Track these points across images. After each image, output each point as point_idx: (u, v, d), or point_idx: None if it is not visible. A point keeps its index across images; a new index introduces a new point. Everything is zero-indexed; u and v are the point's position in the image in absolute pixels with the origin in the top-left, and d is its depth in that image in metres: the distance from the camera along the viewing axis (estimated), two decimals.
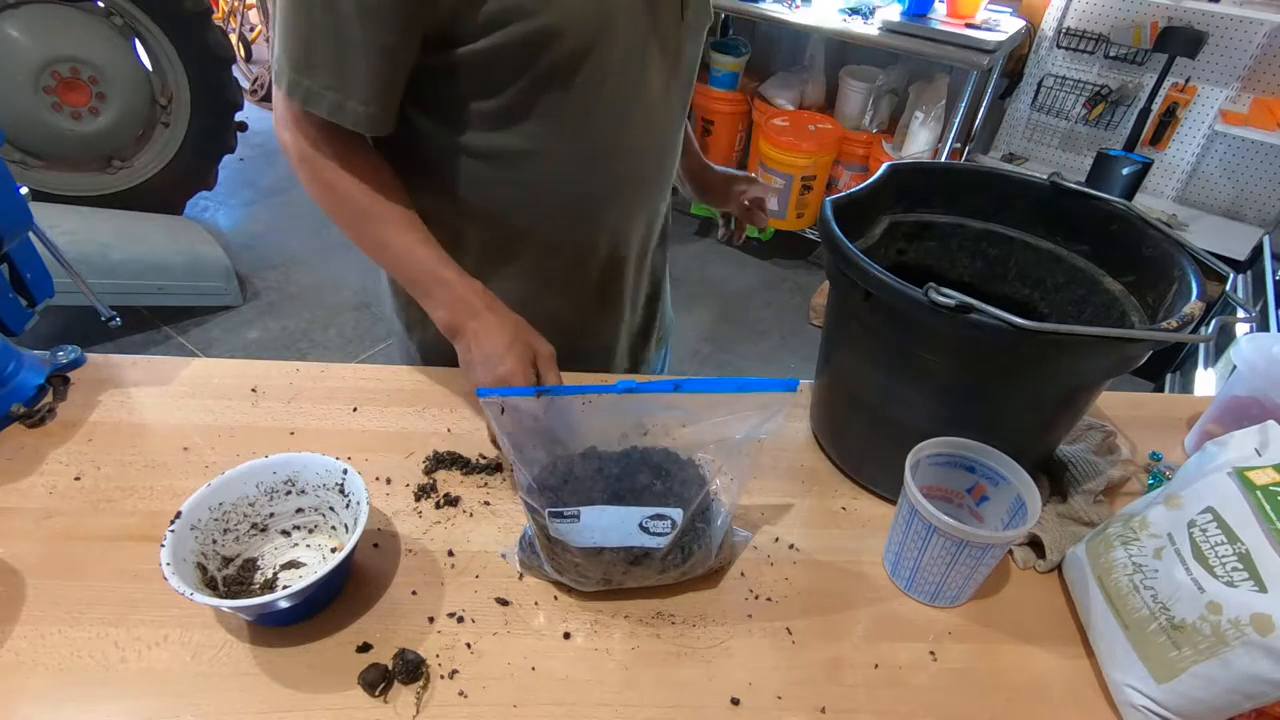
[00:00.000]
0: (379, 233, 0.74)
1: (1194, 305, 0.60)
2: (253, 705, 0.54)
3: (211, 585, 0.58)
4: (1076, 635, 0.64)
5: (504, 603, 0.63)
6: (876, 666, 0.60)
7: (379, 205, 0.73)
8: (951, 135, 2.63)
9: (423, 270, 0.73)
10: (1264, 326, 1.87)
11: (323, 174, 0.73)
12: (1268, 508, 0.52)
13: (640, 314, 1.02)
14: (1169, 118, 2.59)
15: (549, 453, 0.61)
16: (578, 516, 0.58)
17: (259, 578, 0.62)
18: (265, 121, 3.95)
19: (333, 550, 0.65)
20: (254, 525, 0.64)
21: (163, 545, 0.55)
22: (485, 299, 0.72)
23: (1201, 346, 2.06)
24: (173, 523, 0.57)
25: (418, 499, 0.71)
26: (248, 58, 4.24)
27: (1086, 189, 0.76)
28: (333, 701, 0.55)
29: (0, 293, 0.75)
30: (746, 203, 1.02)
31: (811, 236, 3.08)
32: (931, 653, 0.62)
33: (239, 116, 2.81)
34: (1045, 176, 0.78)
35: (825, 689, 0.58)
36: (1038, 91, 2.75)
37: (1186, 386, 2.06)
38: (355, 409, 0.81)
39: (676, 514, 0.59)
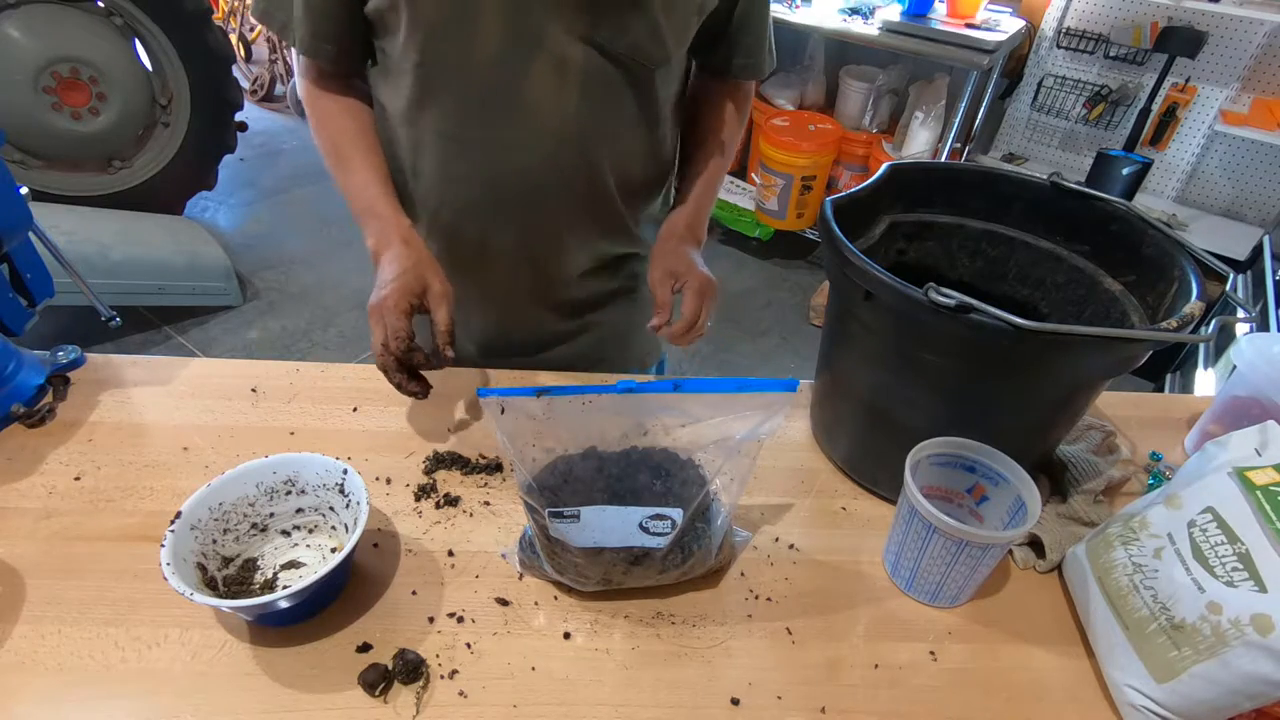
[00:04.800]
0: (342, 168, 0.81)
1: (1194, 305, 0.60)
2: (253, 705, 0.54)
3: (211, 585, 0.58)
4: (1076, 635, 0.64)
5: (504, 603, 0.63)
6: (876, 666, 0.60)
7: (348, 144, 0.81)
8: (951, 135, 2.63)
9: (364, 203, 0.79)
10: (1264, 326, 1.87)
11: (314, 114, 0.83)
12: (1268, 508, 0.52)
13: (590, 334, 0.99)
14: (1169, 118, 2.59)
15: (549, 453, 0.61)
16: (578, 516, 0.58)
17: (259, 578, 0.62)
18: (265, 121, 3.95)
19: (333, 550, 0.65)
20: (254, 525, 0.64)
21: (163, 545, 0.55)
22: (404, 233, 0.77)
23: (1201, 346, 2.06)
24: (173, 523, 0.57)
25: (418, 499, 0.71)
26: (248, 58, 4.24)
27: (1086, 189, 0.76)
28: (333, 701, 0.54)
29: (0, 293, 0.75)
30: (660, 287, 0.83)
31: (811, 236, 3.08)
32: (931, 653, 0.62)
33: (239, 116, 2.81)
34: (1045, 176, 0.78)
35: (825, 689, 0.58)
36: (1038, 91, 2.75)
37: (1186, 386, 2.06)
38: (355, 409, 0.81)
39: (676, 514, 0.59)
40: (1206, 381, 1.96)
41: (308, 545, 0.65)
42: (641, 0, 0.72)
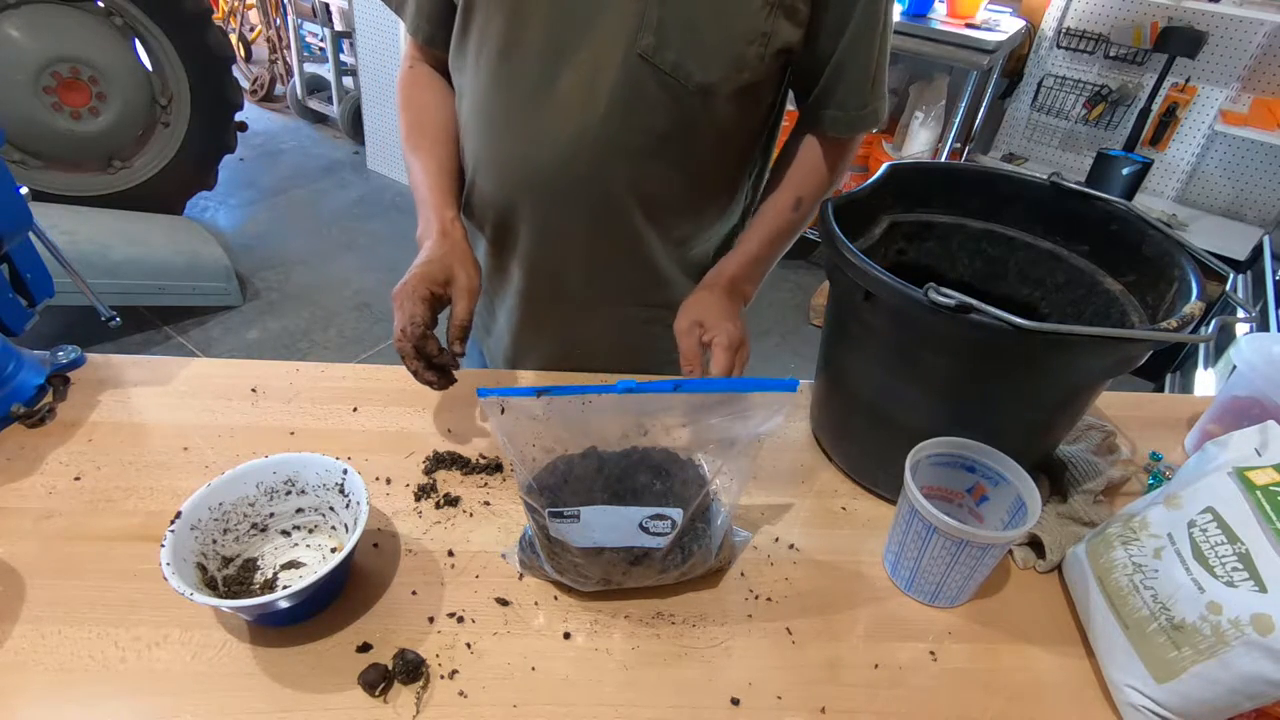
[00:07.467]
0: (411, 154, 0.85)
1: (1194, 305, 0.60)
2: (253, 705, 0.54)
3: (211, 585, 0.58)
4: (1076, 635, 0.64)
5: (504, 603, 0.63)
6: (876, 666, 0.60)
7: (419, 130, 0.86)
8: (951, 135, 2.63)
9: (419, 191, 0.83)
10: (1264, 326, 1.87)
11: (400, 96, 0.88)
12: (1268, 508, 0.52)
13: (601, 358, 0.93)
14: (1169, 118, 2.59)
15: (549, 453, 0.61)
16: (578, 516, 0.58)
17: (259, 578, 0.62)
18: (265, 122, 3.96)
19: (333, 550, 0.65)
20: (254, 525, 0.64)
21: (163, 545, 0.55)
22: (444, 225, 0.79)
23: (1201, 346, 2.06)
24: (173, 523, 0.57)
25: (418, 499, 0.71)
26: (248, 58, 4.24)
27: (1086, 189, 0.76)
28: (333, 701, 0.54)
29: (0, 293, 0.75)
30: (691, 340, 0.76)
31: (811, 236, 3.07)
32: (931, 653, 0.62)
33: (239, 116, 2.81)
34: (1045, 176, 0.78)
35: (825, 689, 0.58)
36: (1038, 91, 2.75)
37: (1186, 386, 2.06)
38: (355, 409, 0.81)
39: (676, 514, 0.59)
40: (1206, 381, 1.96)
41: (308, 545, 0.65)
42: (694, 17, 0.70)
